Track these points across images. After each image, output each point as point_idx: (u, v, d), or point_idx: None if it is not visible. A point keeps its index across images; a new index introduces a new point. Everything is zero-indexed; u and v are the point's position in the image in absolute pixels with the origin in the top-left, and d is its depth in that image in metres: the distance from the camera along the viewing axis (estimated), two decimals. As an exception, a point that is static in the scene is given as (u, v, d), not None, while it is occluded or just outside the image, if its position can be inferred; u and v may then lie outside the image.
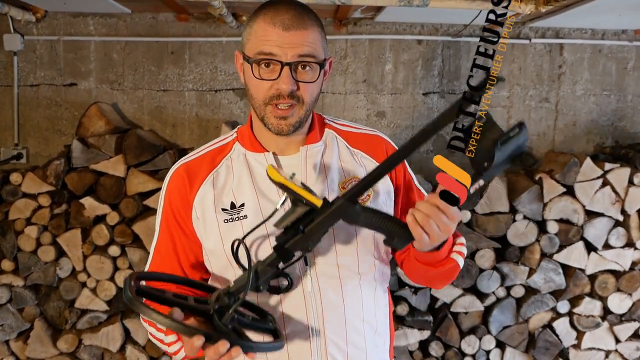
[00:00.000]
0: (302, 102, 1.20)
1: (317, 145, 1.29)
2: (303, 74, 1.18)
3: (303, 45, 1.16)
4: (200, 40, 3.10)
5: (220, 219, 1.24)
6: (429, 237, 1.10)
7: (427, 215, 1.09)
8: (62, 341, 2.78)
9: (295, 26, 1.16)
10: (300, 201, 1.10)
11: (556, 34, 3.19)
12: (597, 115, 3.26)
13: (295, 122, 1.21)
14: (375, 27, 3.14)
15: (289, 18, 1.17)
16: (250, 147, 1.29)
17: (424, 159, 3.21)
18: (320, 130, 1.33)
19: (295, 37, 1.16)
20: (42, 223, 2.74)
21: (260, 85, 1.19)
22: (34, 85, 3.11)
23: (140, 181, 2.75)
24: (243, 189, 1.25)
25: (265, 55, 1.17)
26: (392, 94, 3.19)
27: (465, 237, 2.74)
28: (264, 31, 1.17)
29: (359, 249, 1.25)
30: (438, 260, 1.23)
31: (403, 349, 2.82)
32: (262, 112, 1.21)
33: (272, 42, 1.16)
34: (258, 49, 1.17)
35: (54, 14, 3.07)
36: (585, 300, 2.87)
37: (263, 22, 1.18)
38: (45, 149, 3.14)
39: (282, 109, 1.19)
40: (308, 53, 1.17)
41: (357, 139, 1.35)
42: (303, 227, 1.11)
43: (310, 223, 1.10)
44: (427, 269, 1.25)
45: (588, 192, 2.81)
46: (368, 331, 1.27)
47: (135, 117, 3.14)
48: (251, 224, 1.21)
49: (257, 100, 1.21)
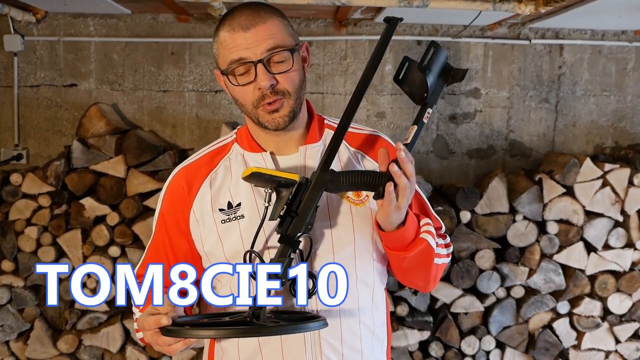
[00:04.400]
0: (288, 94, 1.20)
1: (316, 145, 1.29)
2: (277, 66, 1.19)
3: (267, 39, 1.17)
4: (200, 41, 3.10)
5: (218, 220, 1.25)
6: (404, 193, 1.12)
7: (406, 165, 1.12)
8: (62, 342, 2.78)
9: (254, 23, 1.17)
10: (278, 182, 1.14)
11: (556, 34, 3.19)
12: (597, 115, 3.26)
13: (288, 112, 1.21)
14: (375, 28, 3.14)
15: (245, 18, 1.18)
16: (248, 147, 1.30)
17: (424, 160, 3.21)
18: (320, 130, 1.33)
19: (257, 34, 1.17)
20: (42, 224, 2.75)
21: (244, 91, 1.20)
22: (34, 85, 3.11)
23: (141, 182, 2.76)
24: (240, 188, 1.25)
25: (236, 62, 1.18)
26: (392, 94, 3.19)
27: (465, 238, 2.78)
28: (227, 40, 1.19)
29: (357, 249, 1.25)
30: (408, 242, 1.21)
31: (403, 349, 2.82)
32: (255, 116, 1.22)
33: (237, 47, 1.17)
34: (228, 58, 1.19)
35: (54, 15, 3.07)
36: (585, 301, 2.87)
37: (224, 32, 1.20)
38: (46, 149, 3.14)
39: (271, 104, 1.20)
40: (274, 45, 1.17)
41: (357, 139, 1.35)
42: (295, 209, 1.14)
43: (299, 204, 1.15)
44: (400, 256, 1.23)
45: (588, 193, 2.81)
46: (365, 332, 1.27)
47: (135, 118, 3.14)
48: (248, 224, 1.22)
49: (247, 107, 1.22)
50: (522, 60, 3.20)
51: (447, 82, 1.18)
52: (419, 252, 1.22)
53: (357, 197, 1.27)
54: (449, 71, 1.17)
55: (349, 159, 1.31)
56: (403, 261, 1.24)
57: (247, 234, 1.22)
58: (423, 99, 1.17)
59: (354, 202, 1.26)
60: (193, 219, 1.27)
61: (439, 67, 1.15)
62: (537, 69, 3.22)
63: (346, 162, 1.30)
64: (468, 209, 2.80)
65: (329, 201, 1.25)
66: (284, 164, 1.28)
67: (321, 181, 1.14)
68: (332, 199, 1.25)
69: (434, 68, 1.14)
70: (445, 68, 1.17)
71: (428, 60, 1.14)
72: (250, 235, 1.20)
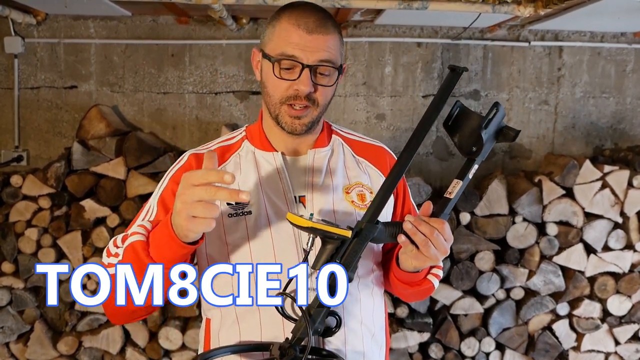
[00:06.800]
0: (317, 105, 1.22)
1: (324, 150, 1.32)
2: (321, 78, 1.21)
3: (324, 50, 1.19)
4: (200, 43, 3.11)
5: (225, 213, 1.24)
6: (429, 258, 1.14)
7: (426, 239, 1.13)
8: (62, 343, 2.78)
9: (319, 30, 1.19)
10: (331, 238, 1.12)
11: (555, 36, 3.20)
12: (596, 117, 3.26)
13: (308, 122, 1.23)
14: (375, 30, 3.15)
15: (313, 22, 1.19)
16: (259, 145, 1.31)
17: (424, 162, 3.21)
18: (328, 136, 1.36)
19: (317, 41, 1.18)
20: (43, 225, 2.75)
21: (279, 84, 1.20)
22: (35, 87, 3.12)
23: (141, 183, 2.76)
24: (249, 185, 1.26)
25: (287, 56, 1.18)
26: (392, 96, 3.20)
27: (465, 240, 2.78)
28: (288, 32, 1.19)
29: None
30: (416, 281, 1.27)
31: (403, 351, 2.82)
32: (276, 110, 1.23)
33: (295, 44, 1.18)
34: (281, 49, 1.19)
35: (54, 17, 3.08)
36: (584, 303, 2.88)
37: (287, 23, 1.20)
38: (46, 151, 3.14)
39: (297, 109, 1.21)
40: (328, 58, 1.19)
41: (362, 148, 1.38)
42: (339, 261, 1.12)
43: (344, 255, 1.13)
44: (404, 287, 1.29)
45: (587, 194, 2.81)
46: (366, 334, 1.28)
47: (135, 120, 3.15)
48: (255, 222, 1.22)
49: (273, 98, 1.22)
50: (521, 62, 3.21)
51: (497, 140, 1.17)
52: (422, 290, 1.30)
53: (362, 202, 1.29)
54: (502, 129, 1.16)
55: (354, 166, 1.33)
56: (404, 290, 1.31)
57: (253, 232, 1.22)
58: (472, 154, 1.15)
59: (359, 206, 1.28)
60: None
61: (495, 126, 1.14)
62: (536, 70, 3.22)
63: (351, 169, 1.32)
64: (468, 211, 2.81)
65: (334, 203, 1.26)
66: (293, 165, 1.29)
67: (369, 234, 1.13)
68: (337, 201, 1.26)
69: (491, 127, 1.13)
70: (498, 127, 1.16)
71: (489, 120, 1.12)
72: (257, 233, 1.21)
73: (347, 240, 1.12)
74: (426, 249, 1.12)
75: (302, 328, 1.12)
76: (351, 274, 1.13)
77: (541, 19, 2.83)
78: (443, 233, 1.12)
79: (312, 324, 1.12)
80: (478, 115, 1.14)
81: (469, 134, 1.14)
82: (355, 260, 1.14)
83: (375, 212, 1.13)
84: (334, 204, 1.26)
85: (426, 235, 1.11)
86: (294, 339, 1.13)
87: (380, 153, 1.39)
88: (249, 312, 1.22)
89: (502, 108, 1.14)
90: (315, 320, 1.13)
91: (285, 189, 1.25)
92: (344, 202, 1.27)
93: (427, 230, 1.11)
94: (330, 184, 1.28)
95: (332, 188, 1.27)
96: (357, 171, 1.33)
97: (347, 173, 1.31)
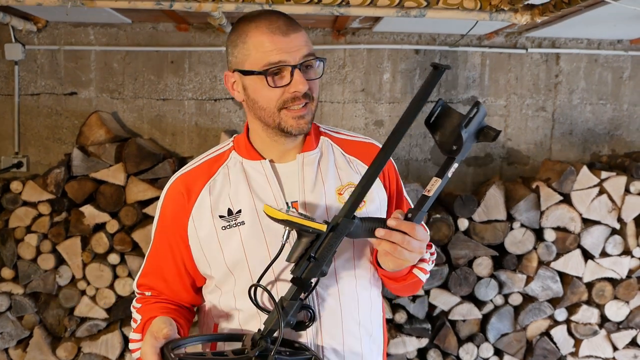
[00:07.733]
0: (312, 99, 1.24)
1: (313, 153, 1.31)
2: (309, 72, 1.23)
3: (303, 45, 1.21)
4: (199, 50, 3.13)
5: (218, 226, 1.25)
6: (402, 262, 1.15)
7: (396, 245, 1.13)
8: (62, 349, 2.78)
9: (292, 30, 1.21)
10: (306, 231, 1.13)
11: (552, 43, 3.22)
12: (594, 124, 3.28)
13: (310, 118, 1.25)
14: (373, 37, 3.17)
15: (283, 23, 1.21)
16: (246, 155, 1.31)
17: (422, 167, 3.23)
18: (316, 138, 1.35)
19: (295, 40, 1.20)
20: (42, 231, 2.76)
21: (273, 94, 1.21)
22: (35, 94, 3.13)
23: (140, 189, 2.77)
24: (240, 195, 1.26)
25: (274, 64, 1.19)
26: (390, 102, 3.22)
27: (463, 245, 2.78)
28: (263, 42, 1.19)
29: (355, 253, 1.28)
30: (400, 276, 1.28)
31: (401, 356, 2.83)
32: (276, 119, 1.23)
33: (276, 50, 1.19)
34: (265, 60, 1.19)
35: (55, 24, 3.09)
36: (582, 308, 2.88)
37: (259, 34, 1.20)
38: (46, 157, 3.15)
39: (298, 109, 1.22)
40: (309, 52, 1.22)
41: (352, 146, 1.38)
42: (314, 255, 1.13)
43: (318, 249, 1.13)
44: (389, 282, 1.31)
45: (585, 201, 2.83)
46: (364, 335, 1.29)
47: (135, 126, 3.16)
48: (249, 231, 1.23)
49: (268, 110, 1.23)
50: (519, 68, 3.23)
51: (477, 140, 1.17)
52: (408, 284, 1.30)
53: None
54: (483, 129, 1.16)
55: (345, 166, 1.33)
56: (391, 285, 1.33)
57: (248, 241, 1.23)
58: (452, 152, 1.14)
59: None
60: (192, 225, 1.27)
61: (476, 125, 1.14)
62: (533, 77, 3.24)
63: (342, 169, 1.32)
64: (466, 217, 2.82)
65: (327, 207, 1.26)
66: (283, 171, 1.29)
67: (344, 228, 1.14)
68: (332, 203, 1.27)
69: (471, 126, 1.13)
70: (479, 126, 1.15)
71: (470, 119, 1.13)
72: (252, 242, 1.22)
73: (322, 234, 1.13)
74: (399, 254, 1.13)
75: (274, 320, 1.13)
76: (325, 268, 1.14)
77: (538, 26, 2.85)
78: (415, 236, 1.13)
79: (284, 317, 1.13)
80: (459, 114, 1.14)
81: (450, 133, 1.14)
82: (330, 255, 1.14)
83: (352, 207, 1.14)
84: (327, 207, 1.26)
85: (396, 243, 1.12)
86: (265, 331, 1.13)
87: (371, 149, 1.37)
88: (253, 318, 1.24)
89: (483, 107, 1.14)
90: (288, 313, 1.14)
91: (277, 196, 1.25)
92: (337, 203, 1.26)
93: (398, 238, 1.12)
94: (322, 187, 1.28)
95: (324, 191, 1.27)
96: (348, 171, 1.32)
97: (338, 173, 1.31)
